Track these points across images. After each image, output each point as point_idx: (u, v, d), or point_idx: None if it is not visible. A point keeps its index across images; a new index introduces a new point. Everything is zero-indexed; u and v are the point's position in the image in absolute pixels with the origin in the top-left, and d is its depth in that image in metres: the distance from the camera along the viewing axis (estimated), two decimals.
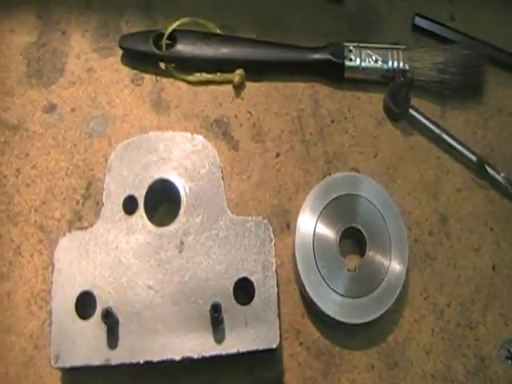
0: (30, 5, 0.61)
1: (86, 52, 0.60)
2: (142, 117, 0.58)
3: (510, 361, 0.52)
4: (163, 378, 0.49)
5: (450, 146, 0.59)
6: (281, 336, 0.47)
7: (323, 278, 0.51)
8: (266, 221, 0.50)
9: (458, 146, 0.59)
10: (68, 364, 0.44)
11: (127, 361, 0.45)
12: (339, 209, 0.54)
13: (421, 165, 0.58)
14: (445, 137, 0.59)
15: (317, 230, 0.53)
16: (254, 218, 0.50)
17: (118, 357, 0.45)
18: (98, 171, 0.55)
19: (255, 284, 0.48)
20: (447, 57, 0.60)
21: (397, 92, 0.58)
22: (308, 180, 0.56)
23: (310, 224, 0.53)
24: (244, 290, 0.48)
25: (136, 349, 0.45)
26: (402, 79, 0.57)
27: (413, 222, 0.56)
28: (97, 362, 0.44)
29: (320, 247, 0.52)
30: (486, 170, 0.58)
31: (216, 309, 0.45)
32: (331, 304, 0.51)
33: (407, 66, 0.60)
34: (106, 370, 0.47)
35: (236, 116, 0.58)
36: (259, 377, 0.50)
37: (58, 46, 0.60)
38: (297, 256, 0.52)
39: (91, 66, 0.59)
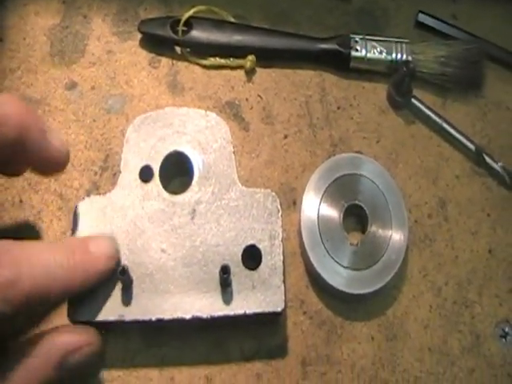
0: None
1: (106, 35, 0.62)
2: (158, 97, 0.60)
3: (503, 339, 0.54)
4: (174, 339, 0.52)
5: (450, 135, 0.61)
6: (285, 302, 0.49)
7: (327, 252, 0.54)
8: (273, 193, 0.52)
9: (458, 136, 0.61)
10: (84, 318, 0.46)
11: (140, 318, 0.47)
12: (343, 187, 0.56)
13: (421, 151, 0.61)
14: (445, 126, 0.61)
15: (321, 207, 0.55)
16: (262, 190, 0.52)
17: (131, 314, 0.47)
18: (116, 145, 0.58)
19: (262, 251, 0.50)
20: (449, 51, 0.63)
21: (400, 82, 0.61)
22: (314, 161, 0.59)
23: (315, 201, 0.56)
24: (251, 257, 0.50)
25: (148, 307, 0.47)
26: (404, 69, 0.60)
27: (413, 205, 0.58)
28: (111, 317, 0.46)
29: (324, 223, 0.55)
30: (484, 159, 0.60)
31: (226, 270, 0.47)
32: (335, 275, 0.53)
33: (410, 58, 0.62)
34: (117, 331, 0.50)
35: (247, 99, 0.61)
36: (264, 342, 0.52)
37: (80, 29, 0.62)
38: (302, 231, 0.54)
39: (111, 49, 0.62)
